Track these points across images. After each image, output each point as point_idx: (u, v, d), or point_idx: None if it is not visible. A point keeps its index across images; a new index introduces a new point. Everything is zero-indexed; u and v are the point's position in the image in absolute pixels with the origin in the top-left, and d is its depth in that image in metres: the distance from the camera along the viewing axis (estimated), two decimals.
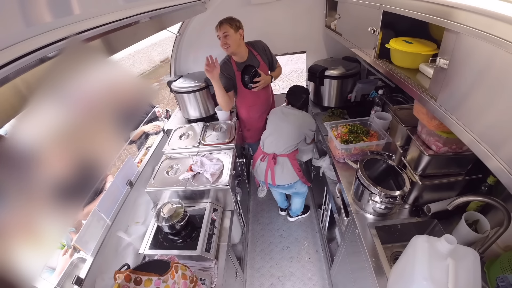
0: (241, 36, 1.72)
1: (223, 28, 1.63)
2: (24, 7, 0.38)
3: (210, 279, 1.28)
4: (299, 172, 1.93)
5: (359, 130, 1.65)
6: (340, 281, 1.75)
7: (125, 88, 2.33)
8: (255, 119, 2.18)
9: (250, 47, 1.84)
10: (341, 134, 1.66)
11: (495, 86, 0.60)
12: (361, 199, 1.30)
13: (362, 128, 1.67)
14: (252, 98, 2.04)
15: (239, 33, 1.69)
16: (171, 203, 1.42)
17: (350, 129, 1.67)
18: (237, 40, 1.69)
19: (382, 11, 1.11)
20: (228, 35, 1.64)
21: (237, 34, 1.67)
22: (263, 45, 1.91)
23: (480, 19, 0.60)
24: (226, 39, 1.65)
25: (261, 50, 1.88)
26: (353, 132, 1.65)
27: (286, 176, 1.90)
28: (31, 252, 0.96)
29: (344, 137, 1.62)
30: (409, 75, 1.01)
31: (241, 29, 1.71)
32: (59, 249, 1.32)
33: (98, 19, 0.60)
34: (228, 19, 1.65)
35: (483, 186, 1.15)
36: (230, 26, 1.63)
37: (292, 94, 1.88)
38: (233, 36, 1.65)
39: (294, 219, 2.52)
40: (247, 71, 1.78)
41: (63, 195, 1.37)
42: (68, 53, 0.51)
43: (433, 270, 0.80)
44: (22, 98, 0.42)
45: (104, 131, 2.00)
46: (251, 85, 1.82)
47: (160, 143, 2.02)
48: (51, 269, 1.29)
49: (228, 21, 1.64)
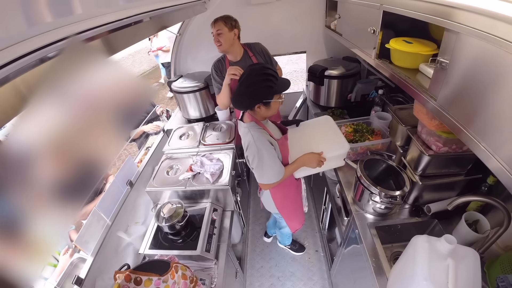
0: (235, 35, 1.71)
1: (217, 26, 1.63)
2: (24, 7, 0.38)
3: (210, 279, 1.28)
4: (281, 208, 1.55)
5: (364, 129, 1.66)
6: (340, 281, 1.75)
7: (125, 88, 2.33)
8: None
9: (246, 48, 1.84)
10: (346, 133, 1.66)
11: (495, 86, 0.60)
12: (361, 199, 1.30)
13: (366, 127, 1.68)
14: None
15: (234, 32, 1.69)
16: (171, 203, 1.42)
17: (355, 129, 1.68)
18: (230, 39, 1.68)
19: (382, 11, 1.11)
20: (221, 33, 1.64)
21: (231, 33, 1.67)
22: (262, 47, 1.90)
23: (480, 19, 0.60)
24: (219, 37, 1.65)
25: (258, 52, 1.87)
26: (358, 132, 1.66)
27: (266, 199, 1.58)
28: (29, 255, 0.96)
29: (349, 137, 1.63)
30: (409, 75, 1.01)
31: (237, 29, 1.70)
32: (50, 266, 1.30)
33: (98, 19, 0.60)
34: (224, 17, 1.65)
35: (483, 186, 1.15)
36: (224, 24, 1.63)
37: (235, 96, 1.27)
38: (227, 34, 1.65)
39: (281, 246, 2.31)
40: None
41: (62, 195, 1.37)
42: (68, 53, 0.51)
43: (433, 270, 0.80)
44: (22, 98, 0.42)
45: (104, 130, 2.00)
46: None
47: (160, 143, 2.02)
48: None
49: (223, 19, 1.64)
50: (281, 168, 1.26)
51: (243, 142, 1.31)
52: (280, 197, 1.52)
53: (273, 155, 1.22)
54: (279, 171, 1.25)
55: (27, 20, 0.39)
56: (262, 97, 1.18)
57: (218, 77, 1.83)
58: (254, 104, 1.20)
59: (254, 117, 1.27)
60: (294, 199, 1.60)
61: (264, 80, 1.16)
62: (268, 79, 1.16)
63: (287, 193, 1.53)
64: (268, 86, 1.16)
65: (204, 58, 2.51)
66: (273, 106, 1.23)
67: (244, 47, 1.83)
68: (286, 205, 1.57)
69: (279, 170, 1.25)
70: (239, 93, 1.22)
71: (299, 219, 1.69)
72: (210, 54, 2.50)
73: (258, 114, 1.26)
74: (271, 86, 1.16)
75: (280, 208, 1.56)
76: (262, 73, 1.16)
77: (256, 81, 1.16)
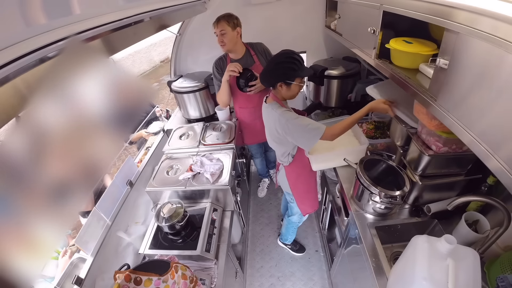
0: (238, 34, 1.72)
1: (220, 26, 1.64)
2: (24, 7, 0.38)
3: (210, 279, 1.28)
4: (294, 188, 1.63)
5: (385, 126, 1.72)
6: (340, 281, 1.75)
7: (125, 87, 2.33)
8: (247, 122, 2.13)
9: (248, 47, 1.85)
10: (367, 130, 1.74)
11: (495, 86, 0.60)
12: (361, 199, 1.30)
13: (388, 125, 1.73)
14: (242, 100, 1.99)
15: (236, 31, 1.69)
16: (171, 203, 1.42)
17: (376, 126, 1.74)
18: (234, 38, 1.69)
19: (382, 11, 1.11)
20: (225, 33, 1.65)
21: (234, 32, 1.67)
22: (264, 47, 1.90)
23: (480, 19, 0.60)
24: (223, 37, 1.66)
25: (260, 52, 1.88)
26: (379, 128, 1.72)
27: (281, 177, 1.69)
28: (27, 257, 0.96)
29: (370, 134, 1.70)
30: (409, 75, 1.01)
31: (239, 27, 1.71)
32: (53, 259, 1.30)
33: (98, 19, 0.60)
34: (226, 16, 1.65)
35: (483, 186, 1.15)
36: (227, 24, 1.63)
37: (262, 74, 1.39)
38: (230, 34, 1.66)
39: (281, 244, 2.30)
40: (243, 74, 1.75)
41: (61, 197, 1.36)
42: (68, 53, 0.51)
43: (433, 270, 0.80)
44: (22, 98, 0.42)
45: (103, 131, 2.00)
46: (246, 89, 1.81)
47: (160, 143, 2.02)
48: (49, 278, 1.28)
49: (226, 19, 1.64)
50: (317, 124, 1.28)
51: (269, 122, 1.43)
52: (294, 176, 1.60)
53: (302, 118, 1.30)
54: (318, 126, 1.27)
55: (27, 20, 0.39)
56: (285, 77, 1.29)
57: (218, 75, 1.84)
58: (276, 81, 1.32)
59: (276, 96, 1.39)
60: (308, 181, 1.66)
61: (289, 62, 1.27)
62: (293, 62, 1.27)
63: (301, 174, 1.60)
64: (291, 68, 1.27)
65: (204, 58, 2.51)
66: (293, 89, 1.34)
67: (246, 46, 1.84)
68: (299, 185, 1.63)
69: (317, 125, 1.27)
70: (267, 68, 1.36)
71: (311, 203, 1.73)
72: (210, 54, 2.50)
73: (279, 93, 1.37)
74: (294, 69, 1.27)
75: (293, 187, 1.63)
76: (289, 56, 1.28)
77: (282, 61, 1.28)
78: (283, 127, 1.32)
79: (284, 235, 2.19)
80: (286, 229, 2.13)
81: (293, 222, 1.98)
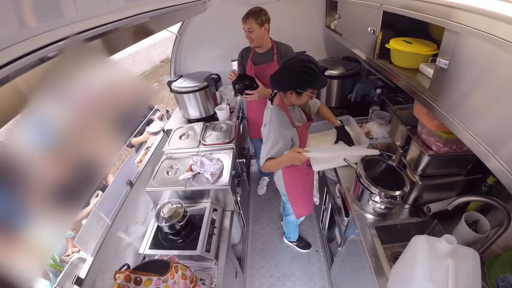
0: (266, 30, 1.75)
1: (248, 23, 1.68)
2: (24, 7, 0.38)
3: (210, 279, 1.28)
4: (289, 190, 1.62)
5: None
6: (340, 281, 1.75)
7: (125, 88, 2.33)
8: (254, 114, 2.18)
9: (274, 44, 1.88)
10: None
11: (495, 86, 0.60)
12: (361, 199, 1.30)
13: None
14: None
15: (264, 27, 1.73)
16: (171, 203, 1.42)
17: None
18: (261, 34, 1.73)
19: (382, 11, 1.11)
20: (253, 30, 1.69)
21: (261, 28, 1.71)
22: (287, 50, 1.88)
23: (480, 19, 0.60)
24: (251, 34, 1.71)
25: (282, 53, 1.88)
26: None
27: (278, 178, 1.67)
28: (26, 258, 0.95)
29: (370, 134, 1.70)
30: (409, 75, 1.01)
31: (267, 23, 1.74)
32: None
33: (98, 19, 0.60)
34: (255, 14, 1.67)
35: (483, 186, 1.15)
36: (255, 21, 1.66)
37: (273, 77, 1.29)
38: (258, 31, 1.70)
39: (287, 242, 2.31)
40: (240, 80, 1.76)
41: (60, 198, 1.36)
42: (68, 53, 0.51)
43: (433, 270, 0.80)
44: (22, 98, 0.42)
45: (103, 132, 2.00)
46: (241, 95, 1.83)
47: (160, 143, 2.02)
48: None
49: (254, 17, 1.67)
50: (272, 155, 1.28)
51: (264, 120, 1.42)
52: (290, 178, 1.58)
53: (277, 141, 1.26)
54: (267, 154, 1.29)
55: (27, 20, 0.39)
56: (297, 86, 1.21)
57: (239, 64, 1.98)
58: (287, 89, 1.24)
59: (282, 100, 1.33)
60: (303, 185, 1.64)
61: (304, 72, 1.17)
62: (308, 72, 1.17)
63: (297, 177, 1.58)
64: (306, 79, 1.18)
65: (204, 58, 2.51)
66: (304, 98, 1.27)
67: (273, 43, 1.86)
68: (294, 188, 1.62)
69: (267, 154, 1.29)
70: (279, 74, 1.25)
71: (305, 206, 1.71)
72: (210, 54, 2.51)
73: (288, 100, 1.30)
74: (309, 80, 1.18)
75: (288, 189, 1.61)
76: (305, 66, 1.17)
77: (297, 70, 1.18)
78: (263, 135, 1.37)
79: (287, 233, 2.22)
80: (287, 228, 2.15)
81: (291, 221, 2.00)
